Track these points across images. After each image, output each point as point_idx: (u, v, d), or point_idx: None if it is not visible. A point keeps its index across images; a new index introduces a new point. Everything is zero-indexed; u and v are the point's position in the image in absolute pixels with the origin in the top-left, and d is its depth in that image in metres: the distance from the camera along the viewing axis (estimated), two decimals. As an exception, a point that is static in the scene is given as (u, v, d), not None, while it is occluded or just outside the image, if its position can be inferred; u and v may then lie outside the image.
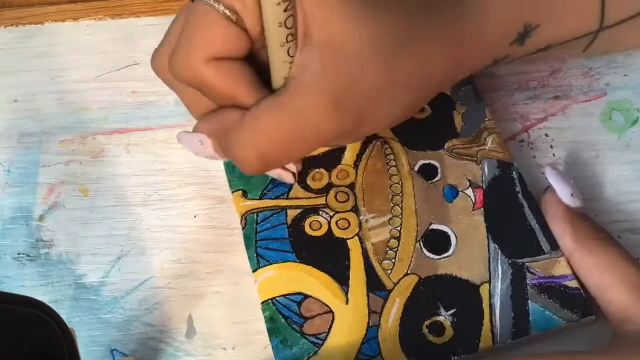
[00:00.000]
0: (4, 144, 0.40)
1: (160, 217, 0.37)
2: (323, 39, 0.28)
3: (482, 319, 0.32)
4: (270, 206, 0.35)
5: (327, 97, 0.28)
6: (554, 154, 0.38)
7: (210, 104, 0.31)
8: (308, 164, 0.36)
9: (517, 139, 0.38)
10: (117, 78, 0.42)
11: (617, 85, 0.39)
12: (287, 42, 0.28)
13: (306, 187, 0.35)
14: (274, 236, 0.34)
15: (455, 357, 0.31)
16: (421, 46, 0.30)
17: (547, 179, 0.34)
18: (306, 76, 0.28)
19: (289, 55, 0.28)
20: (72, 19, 0.44)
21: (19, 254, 0.36)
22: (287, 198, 0.35)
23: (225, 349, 0.33)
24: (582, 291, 0.32)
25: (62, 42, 0.43)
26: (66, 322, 0.25)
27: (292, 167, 0.34)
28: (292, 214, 0.35)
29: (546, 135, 0.38)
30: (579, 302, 0.32)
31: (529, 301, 0.32)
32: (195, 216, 0.37)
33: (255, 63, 0.31)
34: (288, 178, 0.35)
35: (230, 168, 0.36)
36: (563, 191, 0.33)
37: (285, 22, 0.27)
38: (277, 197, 0.35)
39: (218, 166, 0.38)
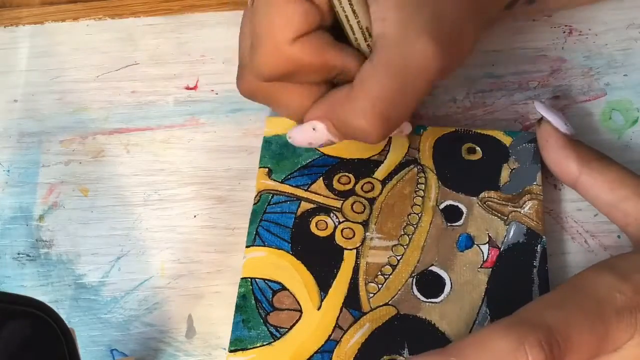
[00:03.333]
0: (4, 144, 0.40)
1: (160, 217, 0.37)
2: None
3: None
4: (287, 192, 0.35)
5: (419, 39, 0.28)
6: (554, 154, 0.38)
7: (307, 100, 0.31)
8: (340, 166, 0.36)
9: (517, 139, 0.38)
10: (117, 78, 0.42)
11: (617, 85, 0.39)
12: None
13: (329, 186, 0.35)
14: (279, 221, 0.34)
15: None
16: None
17: (538, 111, 0.35)
18: (388, 27, 0.29)
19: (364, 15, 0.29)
20: (72, 19, 0.44)
21: (18, 254, 0.36)
22: (307, 190, 0.35)
23: (225, 349, 0.33)
24: None
25: (62, 42, 0.43)
26: (66, 322, 0.25)
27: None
28: (304, 206, 0.35)
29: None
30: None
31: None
32: (195, 216, 0.37)
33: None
34: (406, 128, 0.35)
35: (267, 145, 0.37)
36: (558, 120, 0.34)
37: None
38: (297, 186, 0.35)
39: (218, 166, 0.38)
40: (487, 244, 0.34)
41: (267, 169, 0.36)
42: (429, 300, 0.32)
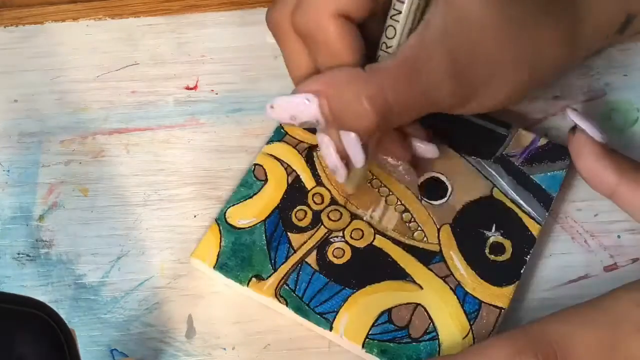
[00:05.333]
0: (4, 144, 0.40)
1: (160, 217, 0.37)
2: (447, 2, 0.28)
3: (518, 214, 0.34)
4: (289, 269, 0.34)
5: (446, 54, 0.29)
6: (554, 154, 0.38)
7: (311, 67, 0.31)
8: (289, 205, 0.35)
9: (517, 139, 0.38)
10: (117, 78, 0.42)
11: (617, 85, 0.39)
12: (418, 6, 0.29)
13: (298, 230, 0.35)
14: (317, 288, 0.33)
15: (527, 257, 0.33)
16: (539, 27, 0.30)
17: (571, 120, 0.33)
18: (429, 31, 0.29)
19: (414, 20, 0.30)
20: (72, 19, 0.44)
21: (18, 254, 0.36)
22: (296, 252, 0.34)
23: (225, 349, 0.33)
24: (551, 142, 0.36)
25: (62, 42, 0.43)
26: (66, 322, 0.25)
27: (356, 173, 0.34)
28: (311, 261, 0.34)
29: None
30: (559, 150, 0.36)
31: (531, 176, 0.35)
32: (195, 216, 0.37)
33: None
34: (340, 176, 0.33)
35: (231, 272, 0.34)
36: (593, 129, 0.33)
37: None
38: (287, 258, 0.34)
39: (218, 166, 0.38)
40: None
41: (254, 279, 0.33)
42: (447, 198, 0.35)
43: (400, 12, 0.29)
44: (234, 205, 0.35)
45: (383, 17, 0.30)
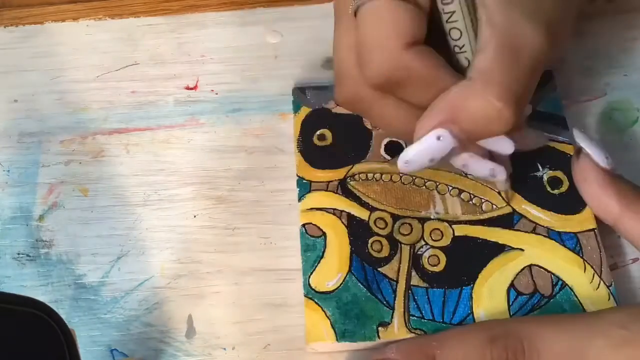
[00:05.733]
0: (4, 144, 0.40)
1: (160, 217, 0.37)
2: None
3: (550, 145, 0.36)
4: (404, 301, 0.32)
5: (528, 19, 0.28)
6: (554, 154, 0.38)
7: (412, 116, 0.30)
8: (360, 244, 0.34)
9: (517, 139, 0.38)
10: (117, 78, 0.42)
11: (617, 85, 0.39)
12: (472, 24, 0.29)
13: (384, 261, 0.33)
14: (440, 302, 0.32)
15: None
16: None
17: (576, 142, 0.32)
18: (499, 14, 0.28)
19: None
20: (72, 19, 0.44)
21: (18, 254, 0.36)
22: (398, 281, 0.33)
23: (225, 349, 0.33)
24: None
25: (62, 42, 0.43)
26: (66, 322, 0.25)
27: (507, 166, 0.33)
28: (416, 281, 0.33)
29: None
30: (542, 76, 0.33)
31: (537, 109, 0.36)
32: (195, 216, 0.37)
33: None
34: (501, 174, 0.33)
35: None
36: (599, 155, 0.32)
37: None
38: (395, 292, 0.33)
39: (218, 166, 0.38)
40: None
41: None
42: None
43: (453, 12, 0.29)
44: (311, 273, 0.33)
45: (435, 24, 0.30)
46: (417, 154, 0.29)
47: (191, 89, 0.41)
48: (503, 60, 0.28)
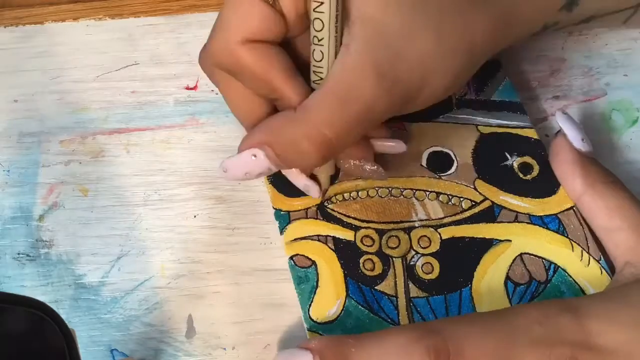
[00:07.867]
0: (4, 144, 0.40)
1: (160, 217, 0.37)
2: (363, 20, 0.28)
3: (512, 132, 0.36)
4: (407, 314, 0.32)
5: (371, 73, 0.28)
6: (554, 154, 0.38)
7: (253, 105, 0.31)
8: (352, 266, 0.34)
9: (517, 139, 0.38)
10: (117, 78, 0.42)
11: (617, 85, 0.39)
12: (336, 31, 0.29)
13: (379, 279, 0.33)
14: (442, 309, 0.32)
15: None
16: (467, 11, 0.29)
17: (557, 122, 0.34)
18: (349, 55, 0.28)
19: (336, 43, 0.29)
20: (72, 19, 0.44)
21: (19, 254, 0.36)
22: (397, 297, 0.33)
23: (225, 349, 0.33)
24: None
25: (62, 42, 0.43)
26: (66, 322, 0.25)
27: (322, 179, 0.34)
28: (415, 293, 0.33)
29: (546, 135, 0.38)
30: (490, 66, 0.37)
31: (492, 99, 0.37)
32: (195, 216, 0.37)
33: (289, 52, 0.31)
34: (314, 192, 0.34)
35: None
36: (575, 135, 0.33)
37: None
38: (397, 308, 0.32)
39: (218, 166, 0.38)
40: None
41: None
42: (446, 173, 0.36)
43: (322, 38, 0.29)
44: (310, 305, 0.33)
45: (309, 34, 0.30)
46: (233, 166, 0.31)
47: (191, 89, 0.41)
48: (330, 105, 0.29)
